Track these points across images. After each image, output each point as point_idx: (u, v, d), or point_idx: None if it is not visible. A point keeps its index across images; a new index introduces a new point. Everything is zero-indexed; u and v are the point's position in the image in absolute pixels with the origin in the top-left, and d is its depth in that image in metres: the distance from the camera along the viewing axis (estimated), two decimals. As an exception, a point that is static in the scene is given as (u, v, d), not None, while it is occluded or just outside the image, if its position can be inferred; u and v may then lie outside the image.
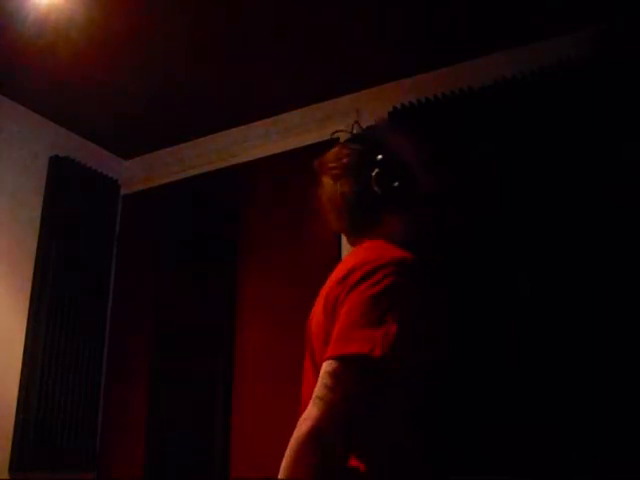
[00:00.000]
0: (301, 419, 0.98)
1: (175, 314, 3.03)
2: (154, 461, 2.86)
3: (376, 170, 1.21)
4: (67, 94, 2.88)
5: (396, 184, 1.20)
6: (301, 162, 2.99)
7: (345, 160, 1.26)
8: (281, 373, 2.66)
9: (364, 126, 1.41)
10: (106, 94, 2.90)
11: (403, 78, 2.75)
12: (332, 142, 2.90)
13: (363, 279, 1.05)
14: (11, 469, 2.61)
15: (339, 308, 1.06)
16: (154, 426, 2.91)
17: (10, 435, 2.65)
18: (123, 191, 3.43)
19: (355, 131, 1.34)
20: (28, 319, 2.80)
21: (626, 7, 2.23)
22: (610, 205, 2.11)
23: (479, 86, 2.48)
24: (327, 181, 1.28)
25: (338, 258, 2.65)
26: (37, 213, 2.95)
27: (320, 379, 1.00)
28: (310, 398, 1.06)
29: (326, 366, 1.00)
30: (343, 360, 0.99)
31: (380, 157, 1.22)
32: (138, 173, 3.45)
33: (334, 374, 0.98)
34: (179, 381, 2.90)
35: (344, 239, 2.67)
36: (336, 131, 1.45)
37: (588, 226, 2.13)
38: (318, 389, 0.99)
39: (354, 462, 1.02)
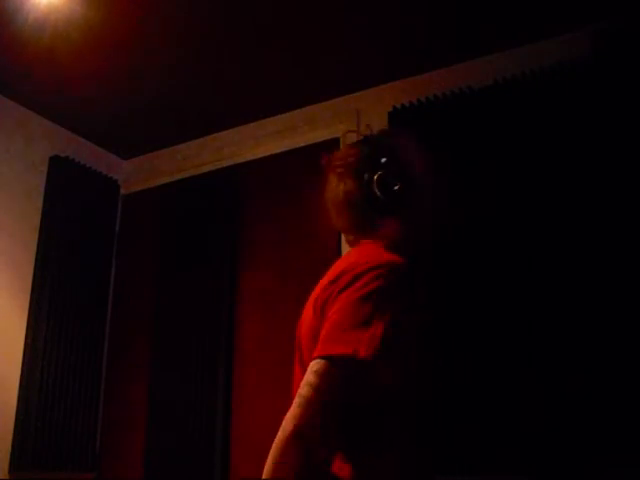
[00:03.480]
0: (285, 419, 0.98)
1: (175, 314, 3.03)
2: (154, 461, 2.86)
3: (378, 173, 1.22)
4: (67, 94, 2.88)
5: (396, 188, 1.21)
6: (301, 162, 3.00)
7: (351, 160, 1.28)
8: (282, 373, 2.65)
9: (368, 127, 1.43)
10: (106, 94, 2.90)
11: (403, 78, 2.76)
12: (332, 142, 2.93)
13: (352, 281, 1.06)
14: (11, 469, 2.61)
15: (328, 310, 1.07)
16: (154, 426, 2.91)
17: (10, 435, 2.65)
18: (123, 191, 3.43)
19: (366, 133, 1.35)
20: (28, 318, 2.81)
21: (625, 7, 2.23)
22: (610, 204, 2.11)
23: (479, 86, 2.48)
24: (332, 179, 1.30)
25: (338, 257, 2.65)
26: (37, 213, 2.95)
27: (305, 378, 1.00)
28: None
29: (312, 365, 1.01)
30: (329, 360, 0.99)
31: (384, 160, 1.23)
32: (138, 173, 3.46)
33: (318, 373, 0.99)
34: (179, 381, 2.90)
35: (344, 238, 2.69)
36: (348, 131, 1.46)
37: (587, 226, 2.13)
38: (302, 388, 0.99)
39: (338, 465, 1.02)
